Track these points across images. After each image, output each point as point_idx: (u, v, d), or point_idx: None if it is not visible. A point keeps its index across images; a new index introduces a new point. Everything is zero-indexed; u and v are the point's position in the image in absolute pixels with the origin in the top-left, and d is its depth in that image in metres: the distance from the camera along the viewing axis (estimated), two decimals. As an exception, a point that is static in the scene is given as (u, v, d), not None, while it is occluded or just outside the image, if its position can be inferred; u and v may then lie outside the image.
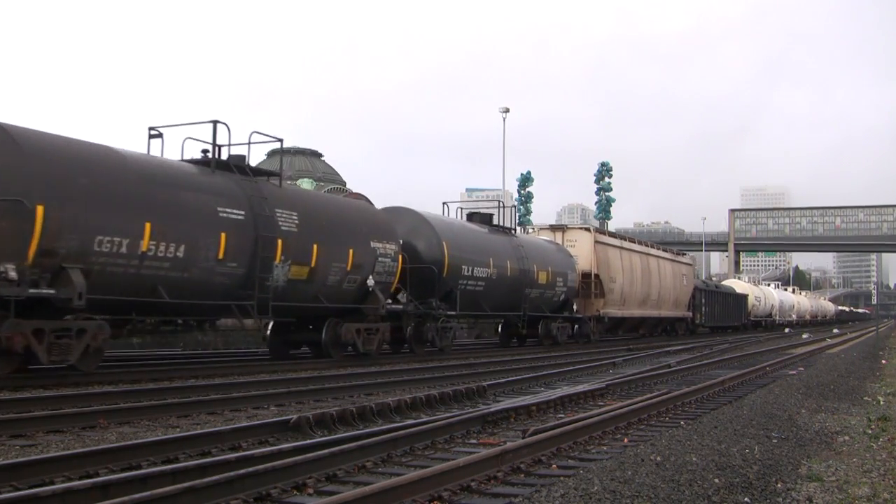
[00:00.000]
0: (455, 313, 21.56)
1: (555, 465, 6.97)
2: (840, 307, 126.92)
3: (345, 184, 52.79)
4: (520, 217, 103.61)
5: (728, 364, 19.89)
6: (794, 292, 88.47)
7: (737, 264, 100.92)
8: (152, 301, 13.63)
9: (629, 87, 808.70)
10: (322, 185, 44.07)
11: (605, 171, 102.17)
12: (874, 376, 17.90)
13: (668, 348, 26.54)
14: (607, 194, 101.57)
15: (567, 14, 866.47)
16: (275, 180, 17.25)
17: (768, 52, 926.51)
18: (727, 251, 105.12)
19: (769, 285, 79.34)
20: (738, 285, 61.24)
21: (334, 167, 58.98)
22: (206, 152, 15.87)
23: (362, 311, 18.45)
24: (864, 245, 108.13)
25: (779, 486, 6.33)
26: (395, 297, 20.10)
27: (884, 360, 23.18)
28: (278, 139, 17.83)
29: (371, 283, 18.37)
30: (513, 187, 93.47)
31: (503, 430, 8.94)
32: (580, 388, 12.47)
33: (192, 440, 7.32)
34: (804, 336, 43.60)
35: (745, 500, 5.84)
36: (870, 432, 9.32)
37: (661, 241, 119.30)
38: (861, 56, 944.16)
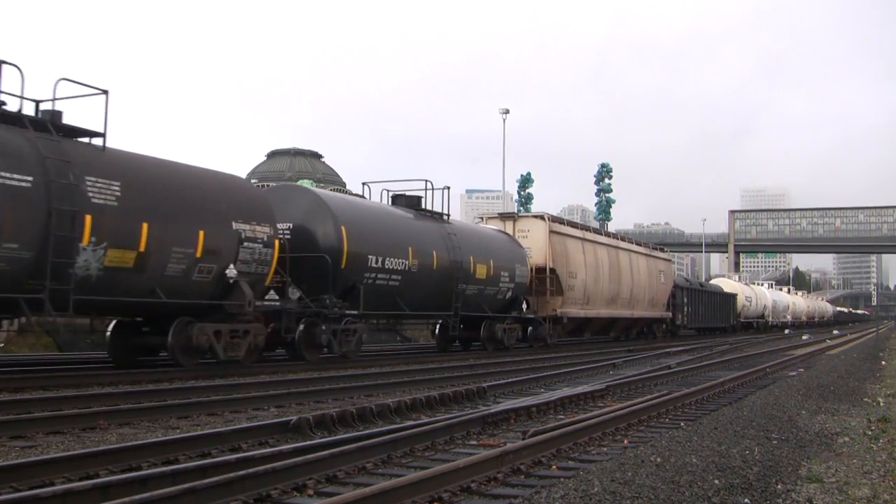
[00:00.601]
0: (357, 312, 18.03)
1: (555, 467, 6.97)
2: (839, 308, 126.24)
3: (345, 185, 52.85)
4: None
5: (728, 365, 19.90)
6: (789, 292, 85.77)
7: (737, 265, 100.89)
8: None
9: (629, 87, 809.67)
10: (322, 185, 44.08)
11: (605, 172, 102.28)
12: (874, 377, 17.91)
13: (668, 349, 26.56)
14: (607, 195, 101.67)
15: (567, 15, 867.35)
16: (98, 141, 13.64)
17: (768, 52, 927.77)
18: (727, 252, 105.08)
19: (762, 285, 75.77)
20: (727, 284, 58.25)
21: (335, 168, 59.09)
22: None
23: (225, 310, 15.18)
24: (863, 246, 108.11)
25: (779, 487, 6.33)
26: (285, 293, 17.08)
27: (884, 362, 23.19)
28: (102, 91, 13.65)
29: (232, 273, 15.04)
30: (513, 188, 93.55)
31: (503, 431, 8.94)
32: (580, 389, 12.47)
33: (192, 441, 7.32)
34: (804, 337, 43.61)
35: (746, 501, 5.84)
36: (870, 433, 9.32)
37: (661, 242, 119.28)
38: (861, 56, 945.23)
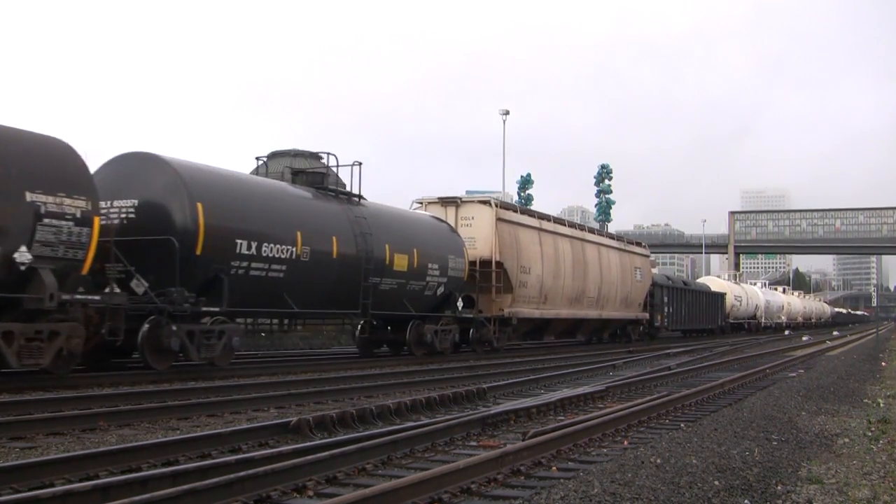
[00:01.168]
0: (220, 310, 14.94)
1: (555, 468, 6.97)
2: (837, 309, 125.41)
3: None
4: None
5: (728, 366, 19.89)
6: (784, 292, 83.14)
7: (737, 266, 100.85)
8: None
9: (629, 88, 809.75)
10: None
11: (604, 173, 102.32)
12: (874, 379, 17.91)
13: (668, 351, 26.56)
14: (607, 196, 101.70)
15: (566, 15, 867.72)
16: None
17: (768, 53, 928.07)
18: (727, 253, 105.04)
19: (756, 284, 73.62)
20: (715, 283, 55.38)
21: (335, 170, 58.95)
22: None
23: (23, 305, 12.00)
24: (863, 247, 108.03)
25: (779, 488, 6.33)
26: (129, 286, 14.04)
27: (884, 363, 23.19)
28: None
29: (24, 258, 11.86)
30: (513, 189, 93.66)
31: (503, 432, 8.95)
32: (580, 390, 12.48)
33: (193, 442, 7.32)
34: (804, 338, 43.59)
35: (746, 502, 5.84)
36: (870, 434, 9.32)
37: (661, 243, 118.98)
38: (860, 57, 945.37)
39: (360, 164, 19.63)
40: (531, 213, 27.54)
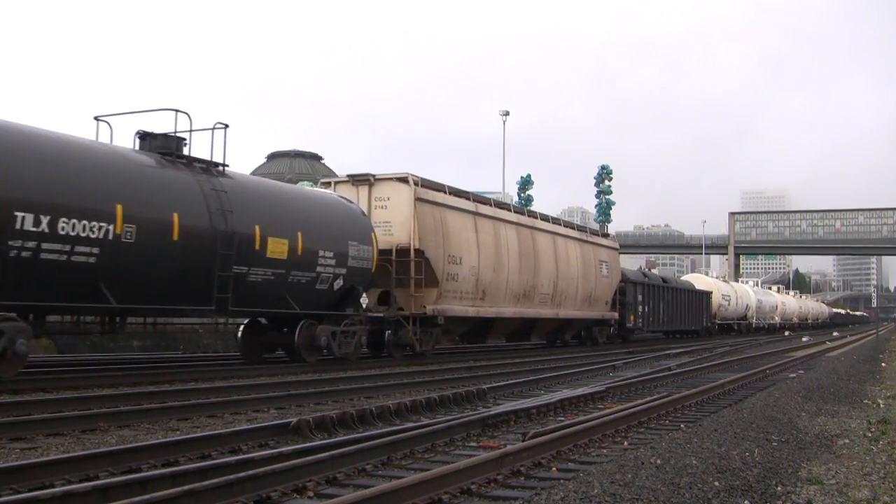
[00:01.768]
0: None
1: (555, 468, 6.97)
2: (835, 310, 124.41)
3: None
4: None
5: (728, 367, 19.89)
6: (779, 291, 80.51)
7: (737, 267, 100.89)
8: None
9: (629, 89, 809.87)
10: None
11: (604, 174, 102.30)
12: (874, 379, 17.91)
13: (668, 351, 26.56)
14: (607, 197, 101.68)
15: (567, 16, 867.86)
16: None
17: (768, 53, 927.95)
18: (727, 254, 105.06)
19: (748, 282, 70.88)
20: (700, 281, 51.41)
21: (335, 170, 59.07)
22: None
23: None
24: (863, 248, 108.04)
25: (779, 488, 6.33)
26: None
27: (884, 364, 23.19)
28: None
29: None
30: (513, 190, 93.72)
31: (503, 432, 8.95)
32: (580, 391, 12.48)
33: (192, 443, 7.32)
34: (804, 339, 43.59)
35: (745, 502, 5.84)
36: (870, 435, 9.32)
37: (661, 244, 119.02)
38: (860, 57, 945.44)
39: (227, 126, 15.71)
40: (464, 195, 23.01)
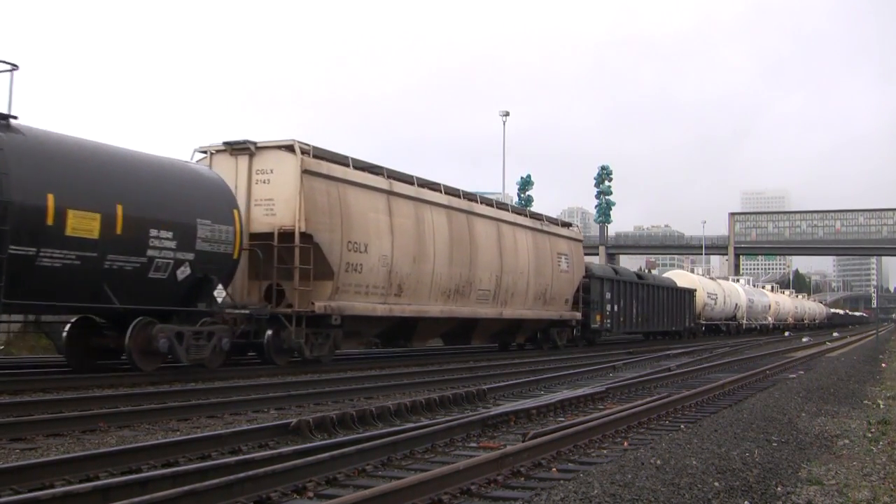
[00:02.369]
0: None
1: (555, 469, 6.97)
2: (834, 310, 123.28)
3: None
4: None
5: (728, 367, 19.90)
6: (773, 290, 77.12)
7: (737, 268, 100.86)
8: None
9: (629, 89, 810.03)
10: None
11: (605, 175, 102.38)
12: (874, 380, 17.91)
13: (668, 352, 26.56)
14: (607, 198, 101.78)
15: (566, 16, 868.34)
16: None
17: (768, 54, 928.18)
18: (727, 255, 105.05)
19: (738, 280, 67.11)
20: (683, 278, 47.75)
21: None
22: None
23: None
24: (863, 248, 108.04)
25: (779, 489, 6.33)
26: None
27: (884, 364, 23.19)
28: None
29: None
30: (513, 190, 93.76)
31: (503, 433, 8.95)
32: (580, 391, 12.48)
33: (192, 443, 7.32)
34: (804, 339, 43.59)
35: (745, 503, 5.84)
36: (870, 436, 9.32)
37: (661, 245, 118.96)
38: (860, 58, 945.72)
39: (15, 67, 12.31)
40: (376, 171, 19.29)
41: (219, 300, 15.39)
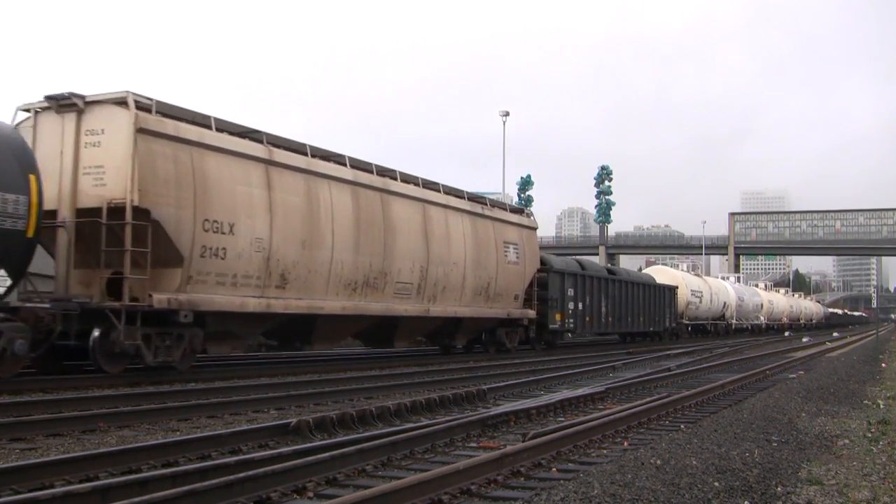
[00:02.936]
0: None
1: (555, 469, 6.96)
2: (832, 310, 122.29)
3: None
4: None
5: (728, 368, 19.90)
6: (766, 289, 74.14)
7: (737, 267, 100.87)
8: None
9: (628, 89, 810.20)
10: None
11: (605, 175, 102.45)
12: (874, 380, 17.90)
13: (668, 352, 26.55)
14: (607, 198, 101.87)
15: (566, 16, 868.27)
16: None
17: (767, 53, 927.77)
18: (727, 255, 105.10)
19: (728, 278, 64.46)
20: (664, 274, 44.23)
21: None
22: None
23: None
24: (864, 248, 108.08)
25: (779, 489, 6.32)
26: None
27: (884, 364, 23.18)
28: None
29: None
30: (513, 191, 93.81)
31: (503, 433, 8.95)
32: (580, 391, 12.48)
33: (192, 443, 7.32)
34: (804, 339, 43.58)
35: (745, 503, 5.84)
36: (870, 436, 9.32)
37: (661, 245, 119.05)
38: (860, 57, 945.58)
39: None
40: (252, 135, 16.03)
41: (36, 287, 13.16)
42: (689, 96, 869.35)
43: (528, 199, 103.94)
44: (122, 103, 13.82)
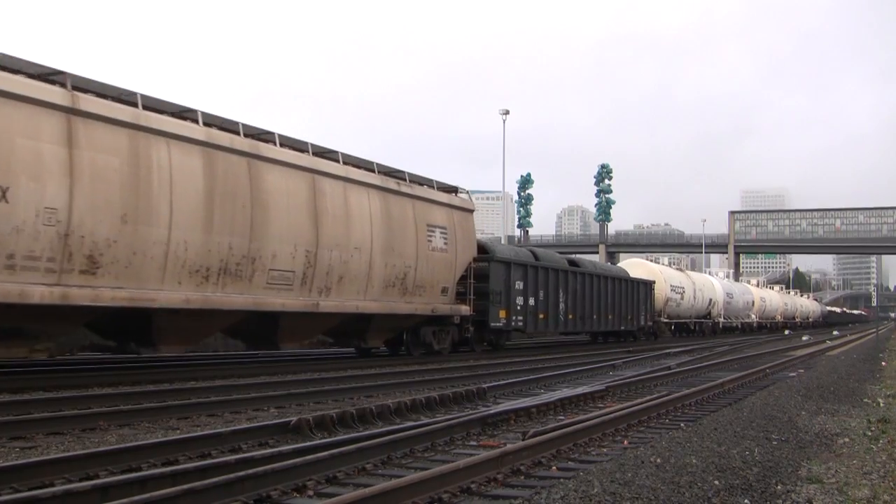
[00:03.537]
0: None
1: (555, 467, 6.97)
2: (830, 308, 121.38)
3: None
4: (519, 219, 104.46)
5: (728, 366, 19.90)
6: (758, 286, 70.45)
7: (737, 266, 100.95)
8: None
9: (628, 87, 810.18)
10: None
11: (605, 173, 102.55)
12: (874, 378, 17.91)
13: (668, 350, 26.56)
14: (607, 196, 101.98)
15: (566, 14, 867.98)
16: None
17: (767, 52, 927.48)
18: (727, 253, 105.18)
19: (718, 274, 61.79)
20: (639, 268, 40.42)
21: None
22: None
23: None
24: (863, 247, 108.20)
25: (779, 487, 6.33)
26: None
27: (884, 363, 23.19)
28: None
29: None
30: (513, 189, 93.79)
31: (503, 432, 8.95)
32: (580, 390, 12.47)
33: (192, 442, 7.32)
34: (804, 338, 43.60)
35: (745, 501, 5.84)
36: (870, 434, 9.32)
37: (661, 243, 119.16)
38: (859, 56, 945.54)
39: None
40: (51, 76, 12.69)
41: None
42: (689, 95, 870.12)
43: (529, 198, 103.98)
44: None
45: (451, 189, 22.40)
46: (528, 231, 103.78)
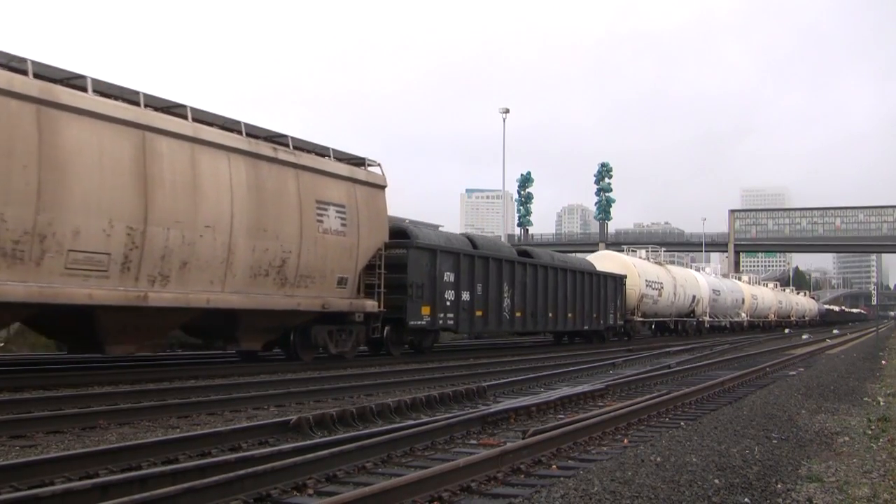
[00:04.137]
0: None
1: (555, 466, 6.97)
2: (828, 306, 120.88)
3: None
4: (519, 218, 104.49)
5: (728, 365, 19.90)
6: (750, 283, 65.49)
7: (737, 265, 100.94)
8: None
9: (628, 86, 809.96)
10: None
11: (604, 172, 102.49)
12: (874, 377, 17.91)
13: (668, 349, 26.53)
14: (607, 195, 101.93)
15: (566, 13, 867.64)
16: None
17: (766, 50, 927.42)
18: (727, 252, 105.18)
19: (705, 269, 56.85)
20: (610, 260, 36.79)
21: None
22: None
23: None
24: (863, 246, 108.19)
25: (779, 486, 6.33)
26: None
27: (884, 361, 23.19)
28: None
29: None
30: (513, 188, 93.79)
31: (503, 430, 8.95)
32: (580, 388, 12.48)
33: (192, 441, 7.32)
34: (804, 337, 43.59)
35: (746, 500, 5.84)
36: (870, 433, 9.32)
37: (661, 242, 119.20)
38: (859, 54, 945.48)
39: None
40: None
41: None
42: (689, 93, 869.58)
43: (528, 197, 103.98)
44: None
45: (357, 160, 18.73)
46: (528, 230, 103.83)
